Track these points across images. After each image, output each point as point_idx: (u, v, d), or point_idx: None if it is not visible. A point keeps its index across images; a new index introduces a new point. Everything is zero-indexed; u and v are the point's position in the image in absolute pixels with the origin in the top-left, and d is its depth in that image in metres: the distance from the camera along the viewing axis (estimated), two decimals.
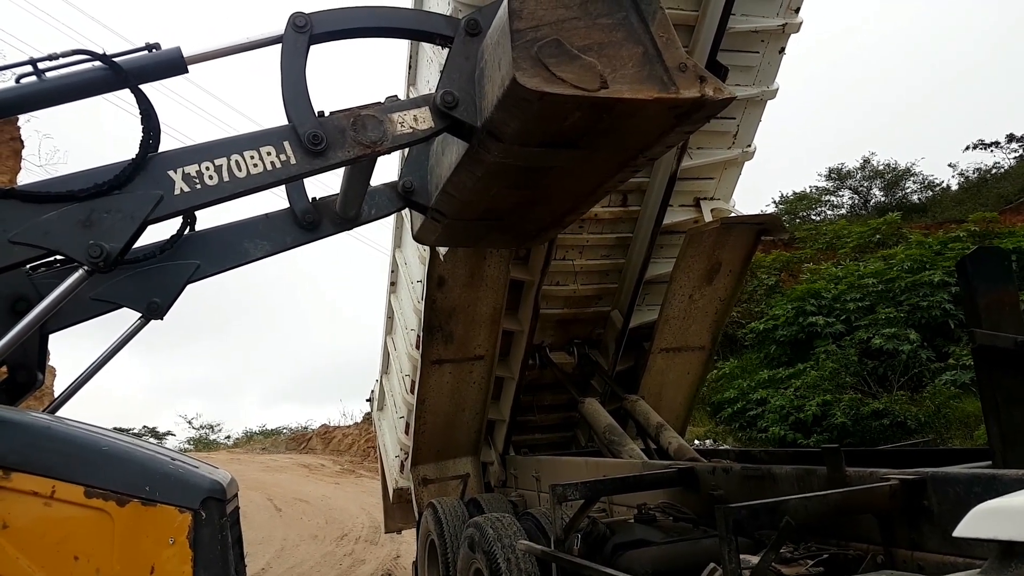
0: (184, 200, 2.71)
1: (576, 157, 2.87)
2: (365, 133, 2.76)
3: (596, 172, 3.08)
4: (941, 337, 12.35)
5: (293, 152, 2.74)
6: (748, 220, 5.68)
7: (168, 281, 3.12)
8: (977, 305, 2.67)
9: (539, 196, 3.31)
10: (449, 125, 2.86)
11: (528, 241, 4.02)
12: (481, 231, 3.78)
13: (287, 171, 2.75)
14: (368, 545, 11.17)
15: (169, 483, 2.56)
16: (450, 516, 5.68)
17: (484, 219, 3.57)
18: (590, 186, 3.24)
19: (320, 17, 2.85)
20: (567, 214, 3.60)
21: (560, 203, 3.44)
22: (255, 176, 2.73)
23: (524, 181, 3.10)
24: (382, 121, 2.79)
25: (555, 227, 3.80)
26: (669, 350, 6.20)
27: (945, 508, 2.42)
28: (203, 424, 33.07)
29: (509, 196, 3.28)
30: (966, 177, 23.48)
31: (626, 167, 3.02)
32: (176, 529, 2.51)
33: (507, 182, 3.09)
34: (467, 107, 2.78)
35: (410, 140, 2.83)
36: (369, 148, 2.76)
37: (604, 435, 5.63)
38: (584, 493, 3.63)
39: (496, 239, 4.09)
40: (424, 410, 6.08)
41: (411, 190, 3.48)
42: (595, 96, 2.41)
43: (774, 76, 5.42)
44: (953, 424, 10.46)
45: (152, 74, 2.79)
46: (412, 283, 6.31)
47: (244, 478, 19.24)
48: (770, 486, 3.22)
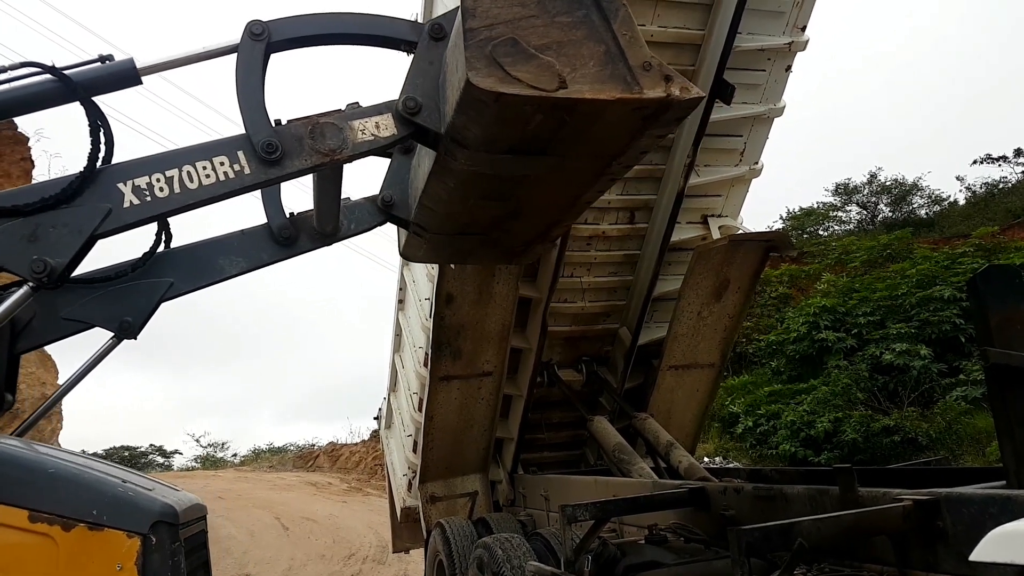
0: (134, 213, 2.64)
1: (548, 165, 2.76)
2: (324, 141, 2.67)
3: (572, 182, 2.98)
4: (952, 352, 12.26)
5: (247, 162, 2.67)
6: (756, 237, 5.68)
7: (141, 299, 3.04)
8: (989, 323, 2.65)
9: (519, 208, 3.22)
10: (413, 132, 2.77)
11: (517, 257, 3.88)
12: (466, 246, 3.69)
13: (241, 182, 2.67)
14: (376, 565, 11.10)
15: (117, 506, 2.48)
16: (458, 536, 5.64)
17: (466, 233, 3.48)
18: (569, 197, 3.15)
19: (278, 25, 2.77)
20: (552, 227, 3.51)
21: (542, 216, 3.35)
22: (207, 187, 2.66)
23: (499, 192, 3.01)
24: (342, 129, 2.71)
25: (542, 242, 3.72)
26: (678, 367, 6.17)
27: (960, 529, 2.39)
28: (211, 442, 33.08)
29: (487, 208, 3.19)
30: (973, 192, 23.42)
31: (602, 176, 2.91)
32: (124, 555, 2.42)
33: (481, 193, 3.00)
34: (431, 113, 2.68)
35: (371, 148, 2.74)
36: (328, 156, 2.68)
37: (613, 454, 5.60)
38: (594, 514, 3.61)
39: (483, 255, 4.00)
40: (432, 427, 6.06)
41: (391, 204, 3.39)
42: (554, 97, 2.30)
43: (781, 94, 5.45)
44: (964, 441, 10.35)
45: (104, 86, 2.74)
46: (420, 301, 6.33)
47: (251, 496, 19.27)
48: (782, 506, 3.19)
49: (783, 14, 5.08)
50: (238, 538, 13.60)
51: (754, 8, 4.82)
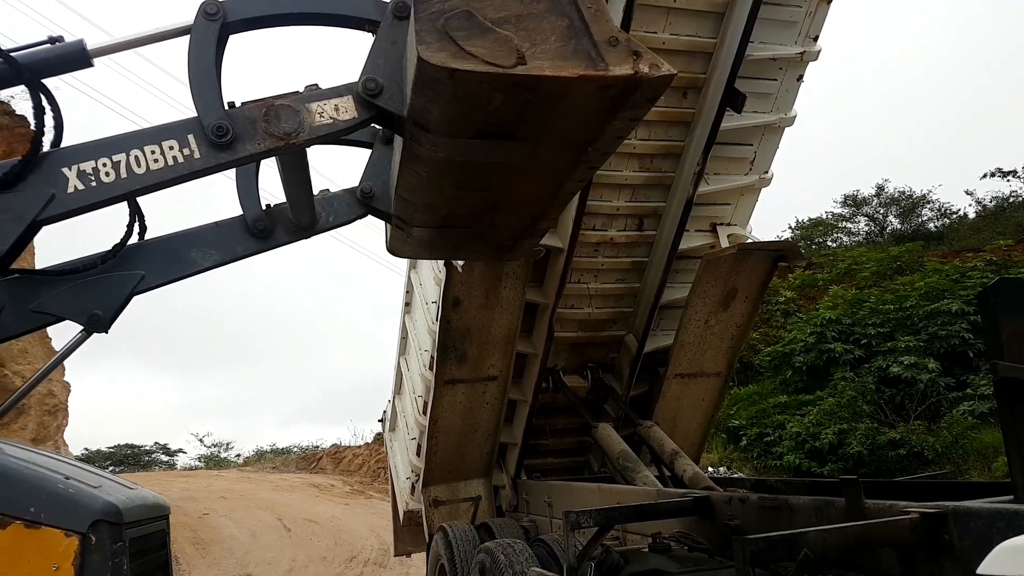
0: (78, 199, 2.56)
1: (518, 151, 2.61)
2: (279, 124, 2.56)
3: (549, 170, 2.83)
4: (960, 366, 12.17)
5: (198, 146, 2.57)
6: (765, 246, 5.66)
7: (111, 292, 2.95)
8: (999, 336, 2.63)
9: (498, 200, 3.08)
10: (375, 116, 2.65)
11: (506, 254, 3.74)
12: (452, 241, 3.58)
13: (191, 166, 2.58)
14: (377, 568, 11.09)
15: (56, 504, 2.40)
16: (461, 540, 5.63)
17: (448, 226, 3.35)
18: (549, 188, 2.99)
19: (233, 4, 2.67)
20: (537, 221, 3.35)
21: (524, 208, 3.20)
22: (156, 172, 2.57)
23: (473, 181, 2.87)
24: (298, 111, 2.59)
25: (530, 237, 3.55)
26: (684, 376, 6.15)
27: (967, 543, 2.37)
28: (215, 442, 33.16)
29: (465, 199, 3.05)
30: (983, 205, 23.31)
31: (579, 163, 2.76)
32: (61, 554, 2.34)
33: (455, 182, 2.87)
34: (393, 95, 2.54)
35: (330, 132, 2.62)
36: (283, 140, 2.57)
37: (618, 461, 5.58)
38: (598, 520, 3.60)
39: (471, 250, 3.89)
40: (436, 430, 6.06)
41: (371, 195, 3.29)
42: (512, 74, 2.16)
43: (792, 103, 5.45)
44: (971, 455, 10.26)
45: (53, 68, 2.65)
46: (427, 304, 6.34)
47: (254, 497, 19.31)
48: (787, 517, 3.17)
49: (795, 24, 5.08)
50: (240, 538, 13.61)
51: (766, 17, 4.83)
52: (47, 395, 11.88)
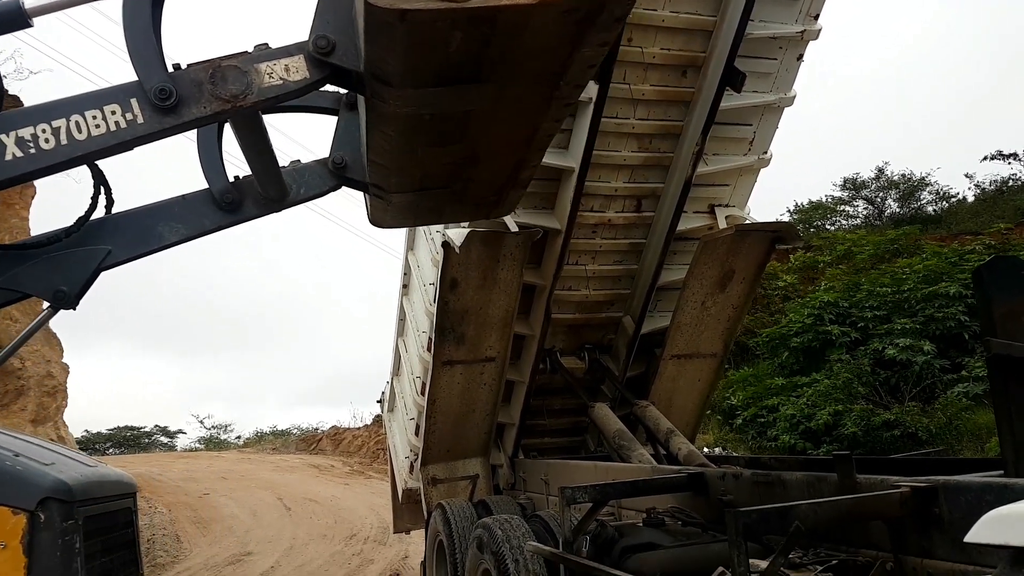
0: (15, 167, 2.46)
1: (486, 95, 2.47)
2: (225, 86, 2.44)
3: (522, 112, 2.67)
4: (955, 349, 12.25)
5: (141, 110, 2.46)
6: (763, 227, 5.67)
7: (76, 268, 2.87)
8: (993, 314, 2.66)
9: (475, 152, 2.95)
10: (329, 75, 2.51)
11: (493, 209, 3.59)
12: (433, 204, 3.45)
13: (134, 131, 2.47)
14: (377, 545, 11.21)
15: (3, 482, 2.34)
16: (459, 517, 5.70)
17: (427, 188, 3.23)
18: (524, 131, 2.84)
19: None
20: (519, 170, 3.22)
21: (502, 157, 3.06)
22: (97, 138, 2.47)
23: (445, 134, 2.74)
24: (246, 72, 2.46)
25: (514, 188, 3.39)
26: (681, 357, 6.19)
27: (956, 516, 2.41)
28: (215, 424, 33.32)
29: (440, 156, 2.92)
30: (983, 189, 23.29)
31: (552, 100, 2.61)
32: (8, 532, 2.29)
33: (427, 138, 2.75)
34: (346, 51, 2.42)
35: (281, 93, 2.50)
36: (229, 103, 2.46)
37: (614, 440, 5.63)
38: (593, 496, 3.64)
39: (455, 211, 3.72)
40: (434, 410, 6.10)
41: (343, 165, 3.16)
42: (466, 7, 2.03)
43: (792, 83, 5.43)
44: (964, 436, 10.36)
45: None
46: (424, 286, 6.35)
47: (254, 477, 19.41)
48: (780, 492, 3.22)
49: (796, 2, 5.05)
50: (241, 517, 13.74)
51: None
52: (46, 376, 11.90)
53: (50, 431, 11.77)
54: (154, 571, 10.38)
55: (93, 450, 26.99)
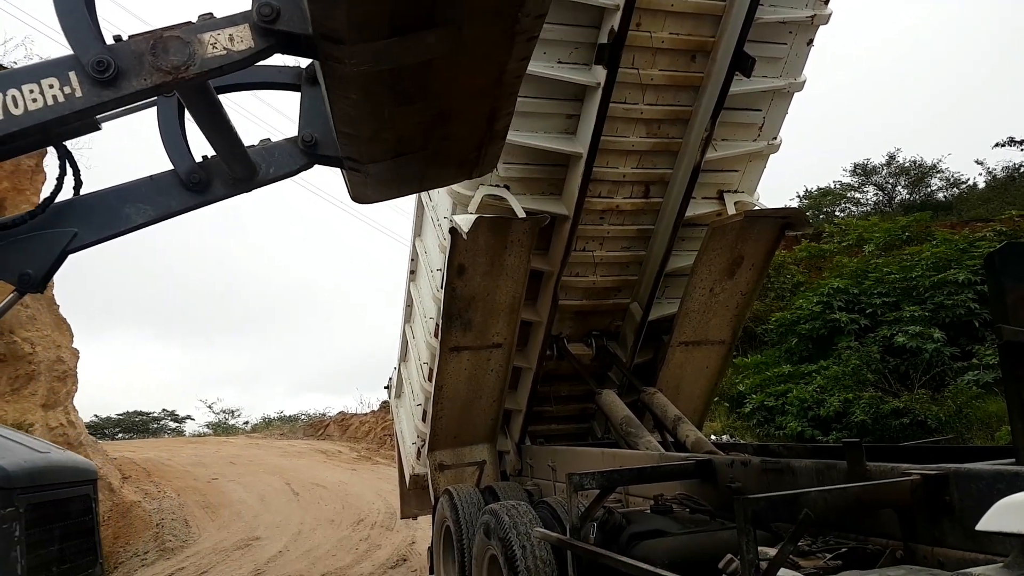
0: None
1: (445, 40, 2.37)
2: (167, 57, 2.37)
3: (485, 54, 2.55)
4: (965, 336, 12.17)
5: (79, 83, 2.40)
6: (772, 213, 5.62)
7: (42, 251, 2.83)
8: (1005, 301, 2.63)
9: (444, 106, 2.84)
10: (277, 43, 2.44)
11: (474, 167, 3.46)
12: (412, 170, 3.36)
13: (72, 105, 2.41)
14: (384, 531, 11.30)
15: None
16: (466, 503, 5.72)
17: (403, 153, 3.13)
18: (491, 74, 2.71)
19: None
20: (493, 120, 3.09)
21: (474, 108, 2.94)
22: (34, 113, 2.41)
23: (409, 90, 2.64)
24: (189, 43, 2.39)
25: (492, 141, 3.26)
26: (688, 343, 6.17)
27: (967, 504, 2.39)
28: (223, 409, 33.58)
29: (409, 115, 2.82)
30: (994, 175, 23.05)
31: (514, 36, 2.49)
32: None
33: (390, 96, 2.65)
34: (292, 15, 2.36)
35: (225, 63, 2.44)
36: (171, 75, 2.39)
37: (621, 427, 5.63)
38: (600, 483, 3.64)
39: (437, 175, 3.60)
40: (442, 396, 6.12)
41: (313, 143, 3.08)
42: None
43: (801, 68, 5.36)
44: (974, 424, 10.31)
45: None
46: (432, 272, 6.35)
47: (262, 462, 19.54)
48: (789, 480, 3.21)
49: None
50: (249, 502, 13.86)
51: None
52: (56, 361, 11.98)
53: (60, 416, 11.86)
54: (163, 555, 10.51)
55: (102, 435, 27.26)
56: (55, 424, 11.63)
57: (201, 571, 9.55)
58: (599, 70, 4.77)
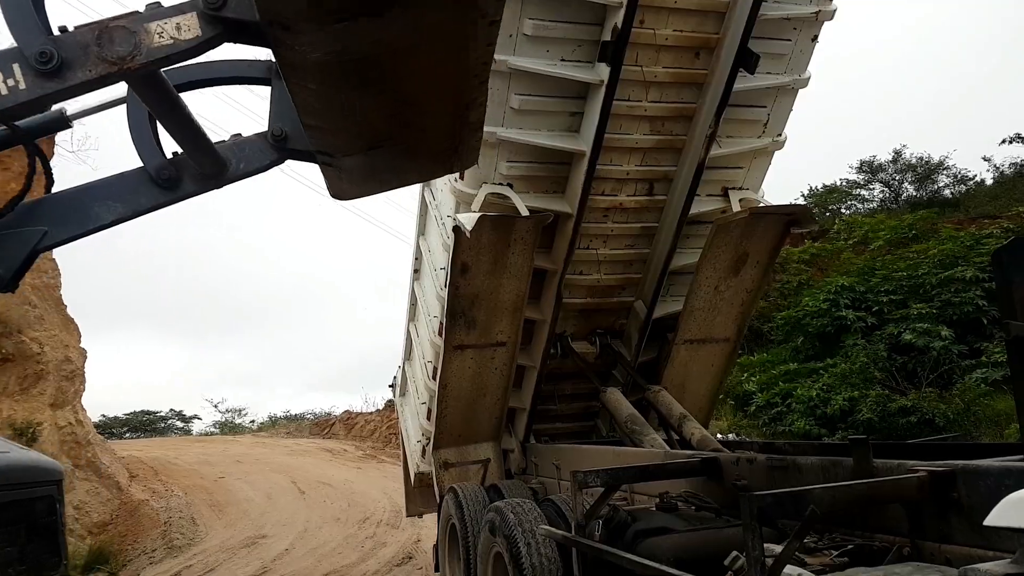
0: None
1: (398, 21, 2.29)
2: (112, 47, 2.33)
3: (445, 38, 2.47)
4: (973, 334, 12.10)
5: (23, 75, 2.36)
6: (777, 210, 5.60)
7: (11, 250, 2.79)
8: (1012, 297, 2.61)
9: (411, 95, 2.74)
10: (225, 31, 2.41)
11: (454, 161, 3.36)
12: (389, 165, 3.28)
13: (16, 97, 2.37)
14: (389, 528, 11.32)
15: None
16: (471, 500, 5.72)
17: (376, 146, 3.04)
18: (455, 60, 2.62)
19: None
20: (467, 110, 2.97)
21: (444, 97, 2.83)
22: None
23: (369, 77, 2.56)
24: (135, 32, 2.34)
25: (469, 132, 3.14)
26: (693, 341, 6.15)
27: (975, 501, 2.37)
28: (229, 408, 33.71)
29: (373, 105, 2.74)
30: (1001, 172, 22.89)
31: (476, 19, 2.39)
32: None
33: (350, 84, 2.57)
34: (240, 3, 2.32)
35: (172, 53, 2.39)
36: (116, 65, 2.35)
37: (626, 425, 5.62)
38: (605, 480, 3.64)
39: (415, 170, 3.53)
40: (446, 395, 6.12)
41: (283, 137, 3.02)
42: None
43: (806, 64, 5.34)
44: (983, 422, 10.25)
45: None
46: (435, 270, 6.34)
47: (268, 461, 19.60)
48: (795, 477, 3.19)
49: None
50: (255, 500, 13.91)
51: None
52: (64, 361, 12.04)
53: (68, 415, 11.92)
54: (171, 553, 10.56)
55: (110, 434, 27.36)
56: (63, 423, 11.70)
57: (208, 569, 9.59)
58: (602, 67, 4.76)
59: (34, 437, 10.62)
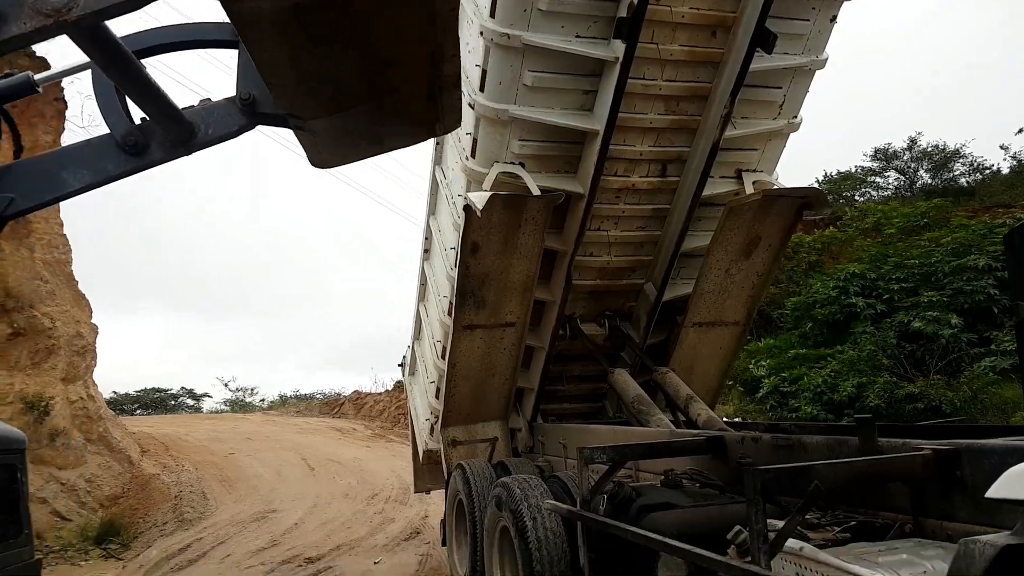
0: None
1: None
2: (47, 0, 2.24)
3: None
4: (983, 323, 12.03)
5: None
6: (790, 193, 5.57)
7: None
8: (1023, 278, 2.60)
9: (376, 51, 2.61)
10: None
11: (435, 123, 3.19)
12: (364, 128, 3.13)
13: None
14: (398, 505, 11.46)
15: None
16: (478, 477, 5.79)
17: (346, 108, 2.91)
18: (419, 9, 2.48)
19: None
20: (439, 65, 2.79)
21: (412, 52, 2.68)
22: None
23: (326, 29, 2.44)
24: None
25: (446, 90, 2.94)
26: (702, 324, 6.16)
27: (979, 479, 2.39)
28: (239, 387, 34.00)
29: (333, 60, 2.61)
30: (1018, 160, 22.57)
31: None
32: None
33: (306, 35, 2.44)
34: None
35: (110, 5, 2.29)
36: (51, 17, 2.25)
37: (633, 405, 5.66)
38: (611, 457, 3.67)
39: (394, 133, 3.37)
40: (455, 374, 6.17)
41: (251, 101, 2.93)
42: None
43: (824, 45, 5.28)
44: (990, 410, 10.21)
45: None
46: (445, 250, 6.37)
47: (279, 439, 19.78)
48: (800, 456, 3.21)
49: None
50: (265, 476, 14.09)
51: None
52: (75, 336, 12.17)
53: (80, 389, 12.08)
54: (182, 526, 10.74)
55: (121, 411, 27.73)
56: (75, 398, 11.86)
57: (219, 541, 9.76)
58: (617, 44, 4.73)
59: (46, 411, 10.77)
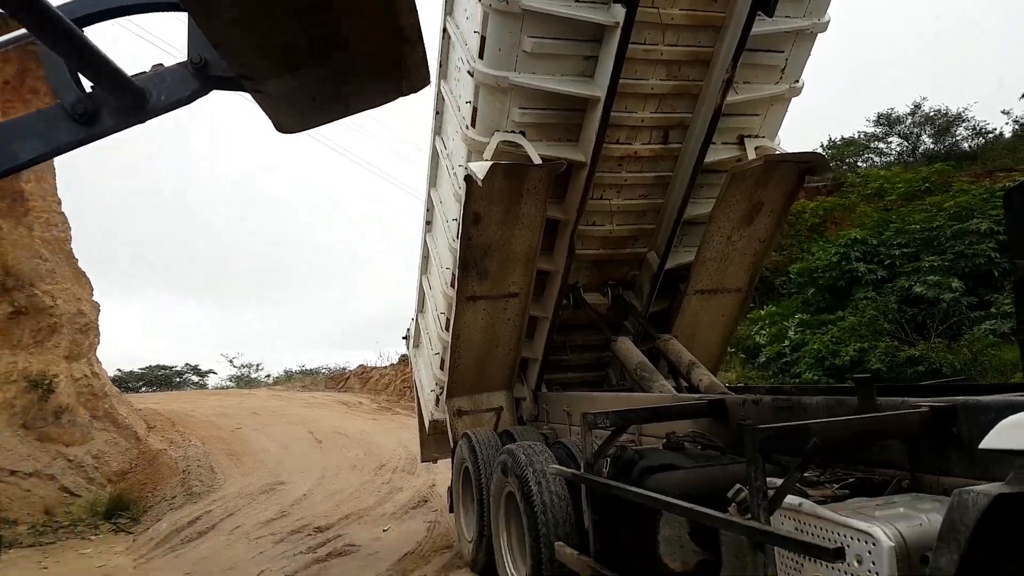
0: None
1: None
2: None
3: None
4: (984, 286, 12.07)
5: None
6: (792, 158, 5.55)
7: None
8: (1023, 237, 2.62)
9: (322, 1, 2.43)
10: None
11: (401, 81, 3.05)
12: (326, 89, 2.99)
13: None
14: (405, 475, 11.62)
15: None
16: (484, 444, 5.88)
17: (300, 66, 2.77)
18: None
19: None
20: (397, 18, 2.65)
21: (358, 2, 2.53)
22: None
23: None
24: None
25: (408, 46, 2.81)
26: (705, 292, 6.19)
27: (975, 435, 2.42)
28: (244, 363, 34.23)
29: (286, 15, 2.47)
30: (1021, 124, 22.36)
31: None
32: None
33: None
34: None
35: None
36: None
37: (636, 372, 5.72)
38: (614, 421, 3.73)
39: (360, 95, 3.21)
40: (459, 345, 6.22)
41: (204, 64, 2.86)
42: None
43: (825, 8, 5.23)
44: (989, 372, 10.29)
45: None
46: (448, 222, 6.37)
47: (285, 413, 19.90)
48: (800, 416, 3.27)
49: None
50: (272, 450, 14.27)
51: None
52: (77, 314, 12.20)
53: (84, 367, 12.15)
54: (191, 499, 10.91)
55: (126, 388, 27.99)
56: (79, 376, 11.95)
57: (228, 513, 9.93)
58: (618, 9, 4.68)
59: (50, 388, 10.85)
